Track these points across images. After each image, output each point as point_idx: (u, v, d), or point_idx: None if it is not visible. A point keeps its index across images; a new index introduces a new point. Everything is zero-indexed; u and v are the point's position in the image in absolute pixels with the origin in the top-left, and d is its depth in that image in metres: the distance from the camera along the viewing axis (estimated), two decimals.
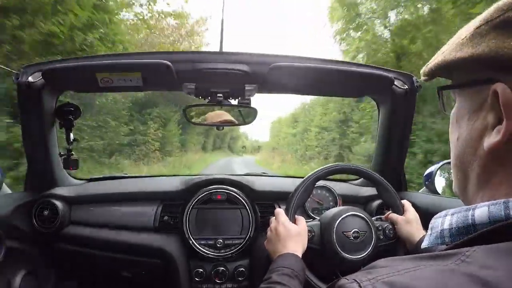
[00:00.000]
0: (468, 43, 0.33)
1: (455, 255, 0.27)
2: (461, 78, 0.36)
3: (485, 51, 0.31)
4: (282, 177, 1.68)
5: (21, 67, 0.97)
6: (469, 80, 0.34)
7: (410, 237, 0.86)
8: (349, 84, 1.07)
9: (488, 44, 0.31)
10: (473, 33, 0.33)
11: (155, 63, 0.93)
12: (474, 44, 0.32)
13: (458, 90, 0.37)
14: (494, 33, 0.31)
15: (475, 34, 0.32)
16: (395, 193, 0.93)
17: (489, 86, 0.32)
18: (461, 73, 0.36)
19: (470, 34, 0.33)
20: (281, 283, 0.67)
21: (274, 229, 0.83)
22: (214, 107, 1.07)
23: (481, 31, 0.32)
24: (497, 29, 0.31)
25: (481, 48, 0.31)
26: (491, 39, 0.31)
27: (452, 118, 0.38)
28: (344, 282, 0.29)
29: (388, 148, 1.19)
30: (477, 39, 0.32)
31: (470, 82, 0.34)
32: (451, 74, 0.38)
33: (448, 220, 0.34)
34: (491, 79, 0.32)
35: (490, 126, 0.32)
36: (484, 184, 0.34)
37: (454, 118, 0.38)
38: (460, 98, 0.37)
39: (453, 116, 0.38)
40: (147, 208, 1.16)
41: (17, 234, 1.06)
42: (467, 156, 0.35)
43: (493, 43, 0.31)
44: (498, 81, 0.31)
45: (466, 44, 0.33)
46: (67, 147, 1.12)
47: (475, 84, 0.34)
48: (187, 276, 1.10)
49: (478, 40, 0.32)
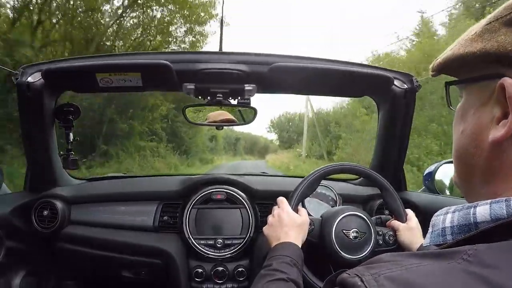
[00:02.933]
0: (477, 38, 0.33)
1: (458, 253, 0.27)
2: (469, 73, 0.36)
3: (494, 46, 0.32)
4: (282, 177, 1.68)
5: (20, 67, 0.97)
6: (477, 75, 0.35)
7: (410, 245, 0.85)
8: (349, 84, 1.07)
9: (498, 40, 0.31)
10: (483, 29, 0.33)
11: (155, 63, 0.93)
12: (483, 40, 0.33)
13: (465, 85, 0.37)
14: (504, 30, 0.31)
15: (484, 30, 0.33)
16: (400, 201, 0.92)
17: (496, 81, 0.32)
18: (469, 69, 0.36)
19: (480, 30, 0.33)
20: (281, 271, 0.67)
21: (278, 215, 0.83)
22: (214, 107, 1.07)
23: (491, 28, 0.32)
24: (507, 26, 0.31)
25: (490, 43, 0.32)
26: (500, 35, 0.31)
27: (458, 113, 0.38)
28: (345, 277, 0.29)
29: (387, 147, 1.19)
30: (487, 35, 0.33)
31: (478, 77, 0.35)
32: (458, 71, 0.38)
33: (450, 218, 0.34)
34: (499, 74, 0.32)
35: (496, 120, 0.32)
36: (487, 178, 0.34)
37: (460, 112, 0.38)
38: (467, 93, 0.37)
39: (459, 110, 0.38)
40: (147, 208, 1.16)
41: (17, 234, 1.06)
42: (471, 148, 0.35)
43: (503, 39, 0.31)
44: (505, 76, 0.31)
45: (476, 40, 0.33)
46: (67, 147, 1.12)
47: (483, 79, 0.34)
48: (187, 276, 1.10)
49: (488, 36, 0.32)
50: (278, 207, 0.86)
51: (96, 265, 1.19)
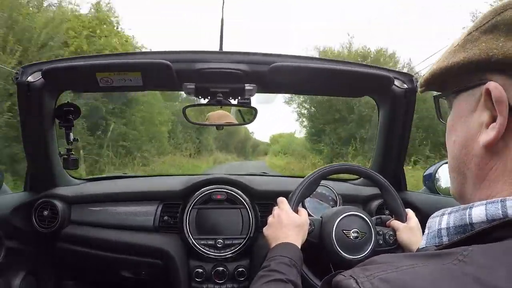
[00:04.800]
0: (460, 49, 0.35)
1: (453, 254, 0.27)
2: (455, 85, 0.37)
3: (476, 54, 0.33)
4: (282, 177, 1.68)
5: (20, 67, 0.97)
6: (463, 85, 0.36)
7: (410, 245, 0.85)
8: (349, 84, 1.07)
9: (479, 48, 0.32)
10: (464, 39, 0.34)
11: (155, 63, 0.93)
12: (465, 50, 0.34)
13: (452, 97, 0.38)
14: (484, 37, 0.32)
15: (466, 41, 0.34)
16: (401, 201, 0.92)
17: (481, 88, 0.33)
18: (454, 80, 0.37)
19: (462, 41, 0.35)
20: (279, 272, 0.67)
21: (277, 216, 0.83)
22: (214, 107, 1.07)
23: (471, 37, 0.34)
24: (487, 33, 0.32)
25: (472, 51, 0.33)
26: (481, 43, 0.32)
27: (449, 125, 0.39)
28: (341, 279, 0.29)
29: (387, 147, 1.19)
30: (468, 45, 0.34)
31: (464, 87, 0.36)
32: (445, 84, 0.39)
33: (445, 219, 0.34)
34: (484, 80, 0.33)
35: (485, 124, 0.33)
36: (480, 182, 0.34)
37: (450, 123, 0.39)
38: (455, 105, 0.38)
39: (449, 122, 0.39)
40: (147, 208, 1.16)
41: (17, 234, 1.06)
42: (464, 156, 0.36)
43: (484, 46, 0.32)
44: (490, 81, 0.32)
45: (458, 51, 0.35)
46: (67, 147, 1.12)
47: (469, 87, 0.35)
48: (187, 276, 1.10)
49: (470, 45, 0.33)
50: (278, 207, 0.86)
51: (96, 265, 1.19)
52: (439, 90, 0.41)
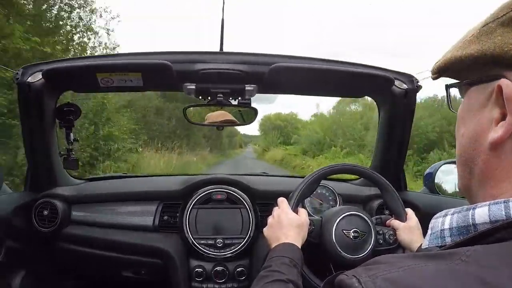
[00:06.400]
0: (475, 40, 0.33)
1: (456, 255, 0.27)
2: (468, 76, 0.36)
3: (491, 47, 0.31)
4: (282, 177, 1.68)
5: (21, 67, 0.97)
6: (476, 77, 0.35)
7: (410, 244, 0.86)
8: (349, 84, 1.07)
9: (494, 41, 0.31)
10: (480, 30, 0.33)
11: (155, 63, 0.93)
12: (480, 41, 0.33)
13: (465, 88, 0.37)
14: (500, 30, 0.31)
15: (481, 32, 0.33)
16: (400, 201, 0.92)
17: (494, 83, 0.32)
18: (468, 71, 0.36)
19: (477, 32, 0.33)
20: (280, 272, 0.67)
21: (277, 216, 0.83)
22: (214, 107, 1.07)
23: (487, 29, 0.32)
24: (503, 26, 0.31)
25: (487, 45, 0.32)
26: (497, 36, 0.31)
27: (459, 116, 0.38)
28: (343, 278, 0.29)
29: (388, 148, 1.20)
30: (483, 37, 0.32)
31: (476, 79, 0.35)
32: (459, 73, 0.38)
33: (448, 220, 0.34)
34: (497, 75, 0.32)
35: (495, 121, 0.32)
36: (486, 180, 0.34)
37: (461, 115, 0.38)
38: (467, 96, 0.37)
39: (459, 113, 0.38)
40: (147, 208, 1.16)
41: (17, 234, 1.06)
42: (471, 151, 0.35)
43: (499, 39, 0.31)
44: (503, 77, 0.31)
45: (473, 42, 0.33)
46: (67, 147, 1.12)
47: (481, 81, 0.34)
48: (187, 276, 1.11)
49: (485, 37, 0.32)
50: (278, 207, 0.86)
51: (96, 265, 1.19)
52: (452, 77, 0.39)
